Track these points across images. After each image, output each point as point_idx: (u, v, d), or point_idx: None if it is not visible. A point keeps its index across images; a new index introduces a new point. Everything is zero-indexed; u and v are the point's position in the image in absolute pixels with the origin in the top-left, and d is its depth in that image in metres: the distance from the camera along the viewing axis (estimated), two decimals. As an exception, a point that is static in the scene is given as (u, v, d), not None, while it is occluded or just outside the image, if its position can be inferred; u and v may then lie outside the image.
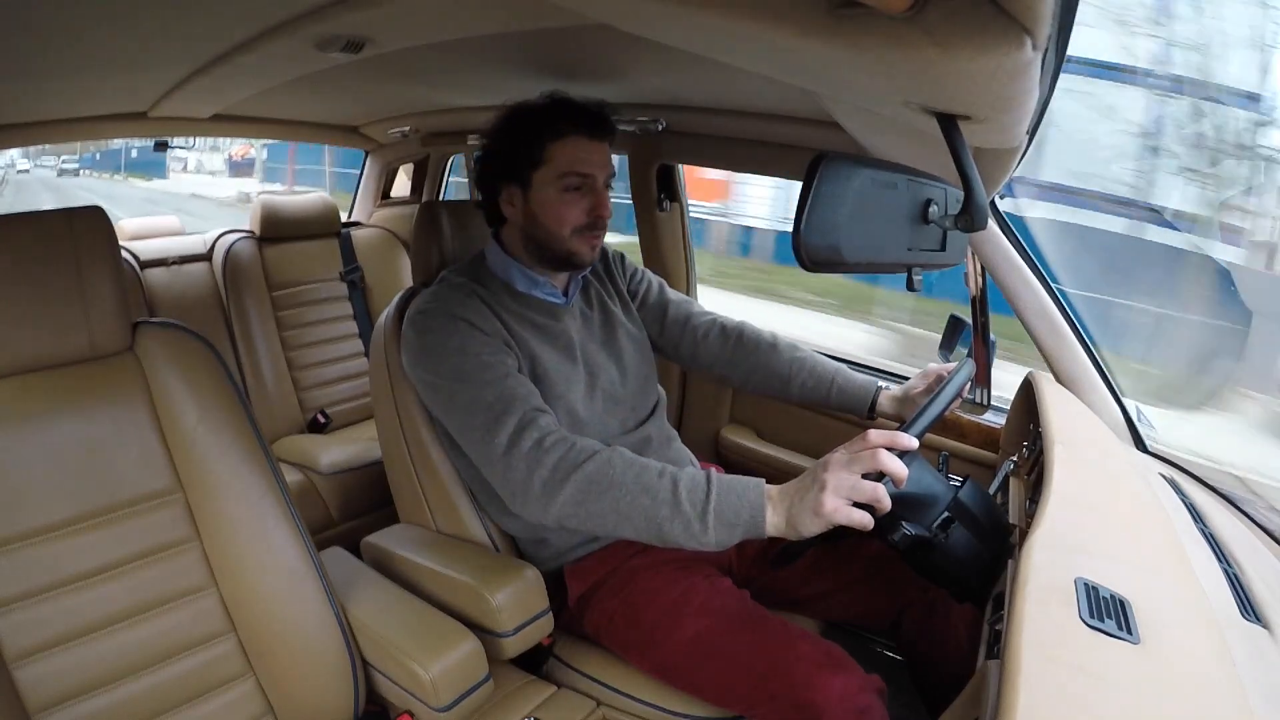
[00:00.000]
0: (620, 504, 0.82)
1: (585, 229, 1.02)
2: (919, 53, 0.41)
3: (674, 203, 1.70)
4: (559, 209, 1.01)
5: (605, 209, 1.02)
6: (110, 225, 0.84)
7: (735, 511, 0.79)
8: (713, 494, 0.80)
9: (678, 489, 0.81)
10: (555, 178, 1.00)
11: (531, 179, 1.01)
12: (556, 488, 0.85)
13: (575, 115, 1.00)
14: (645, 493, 0.81)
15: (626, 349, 1.15)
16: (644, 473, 0.83)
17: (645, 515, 0.81)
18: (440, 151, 2.39)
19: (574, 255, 1.03)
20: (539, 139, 1.00)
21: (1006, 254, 1.19)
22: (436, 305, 0.99)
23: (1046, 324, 1.18)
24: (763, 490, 0.80)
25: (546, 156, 1.00)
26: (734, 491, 0.80)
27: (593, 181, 1.01)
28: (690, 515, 0.79)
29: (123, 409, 0.84)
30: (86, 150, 19.15)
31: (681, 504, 0.80)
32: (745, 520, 0.79)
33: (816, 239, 0.56)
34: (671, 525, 0.80)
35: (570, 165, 0.99)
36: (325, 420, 1.96)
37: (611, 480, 0.83)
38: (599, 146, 1.02)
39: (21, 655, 0.74)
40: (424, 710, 0.87)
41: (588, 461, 0.84)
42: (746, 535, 0.79)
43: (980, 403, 1.39)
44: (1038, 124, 0.70)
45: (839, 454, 0.76)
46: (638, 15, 0.60)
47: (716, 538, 0.79)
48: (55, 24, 0.89)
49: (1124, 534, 0.76)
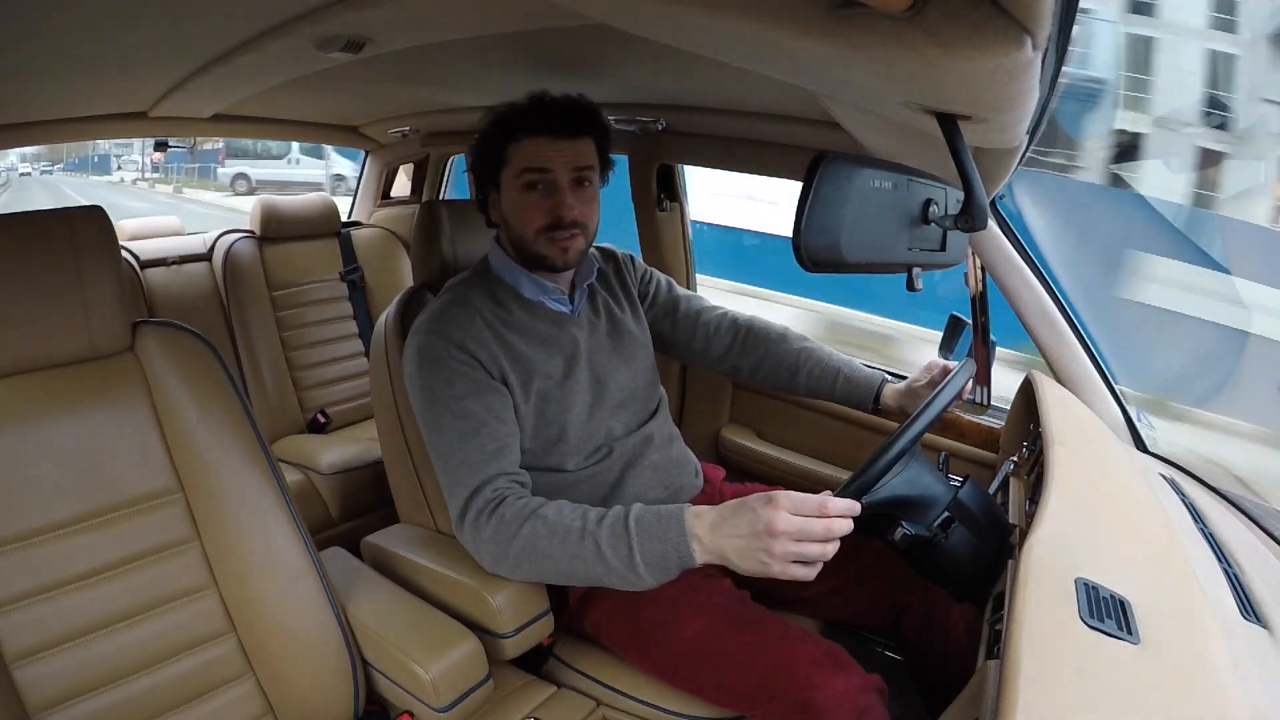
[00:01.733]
0: (560, 568, 0.88)
1: (548, 229, 1.00)
2: (919, 53, 0.41)
3: (674, 203, 1.70)
4: (521, 209, 1.00)
5: (565, 209, 0.99)
6: (110, 225, 0.84)
7: (662, 555, 0.82)
8: (634, 546, 0.83)
9: (601, 550, 0.84)
10: (514, 177, 1.00)
11: (500, 179, 1.02)
12: (502, 560, 0.91)
13: (533, 113, 0.99)
14: (576, 559, 0.86)
15: (632, 353, 1.15)
16: (568, 539, 0.86)
17: (584, 575, 0.87)
18: (440, 151, 2.39)
19: (543, 258, 1.02)
20: (503, 139, 1.00)
21: (1006, 254, 1.19)
22: (438, 326, 0.99)
23: (1046, 324, 1.18)
24: (684, 529, 0.81)
25: (508, 155, 1.00)
26: (655, 537, 0.82)
27: (552, 178, 0.99)
28: (621, 570, 0.83)
29: (123, 409, 0.84)
30: (68, 154, 20.23)
31: (609, 562, 0.84)
32: (674, 562, 0.82)
33: (816, 239, 0.56)
34: (610, 579, 0.85)
35: (525, 162, 0.98)
36: (325, 420, 1.96)
37: (542, 553, 0.87)
38: (562, 144, 0.99)
39: (21, 655, 0.74)
40: (424, 710, 0.87)
41: (516, 537, 0.88)
42: (684, 569, 0.83)
43: (980, 403, 1.39)
44: (1038, 124, 0.70)
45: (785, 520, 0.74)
46: (638, 15, 0.60)
47: (655, 580, 0.84)
48: (55, 24, 0.89)
49: (1124, 534, 0.76)
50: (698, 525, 0.82)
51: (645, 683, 0.99)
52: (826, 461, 1.53)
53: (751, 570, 0.78)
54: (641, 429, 1.12)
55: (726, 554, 0.79)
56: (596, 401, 1.08)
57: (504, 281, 1.07)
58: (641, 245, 1.74)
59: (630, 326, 1.16)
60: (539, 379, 1.02)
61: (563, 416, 1.03)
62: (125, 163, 18.65)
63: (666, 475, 1.11)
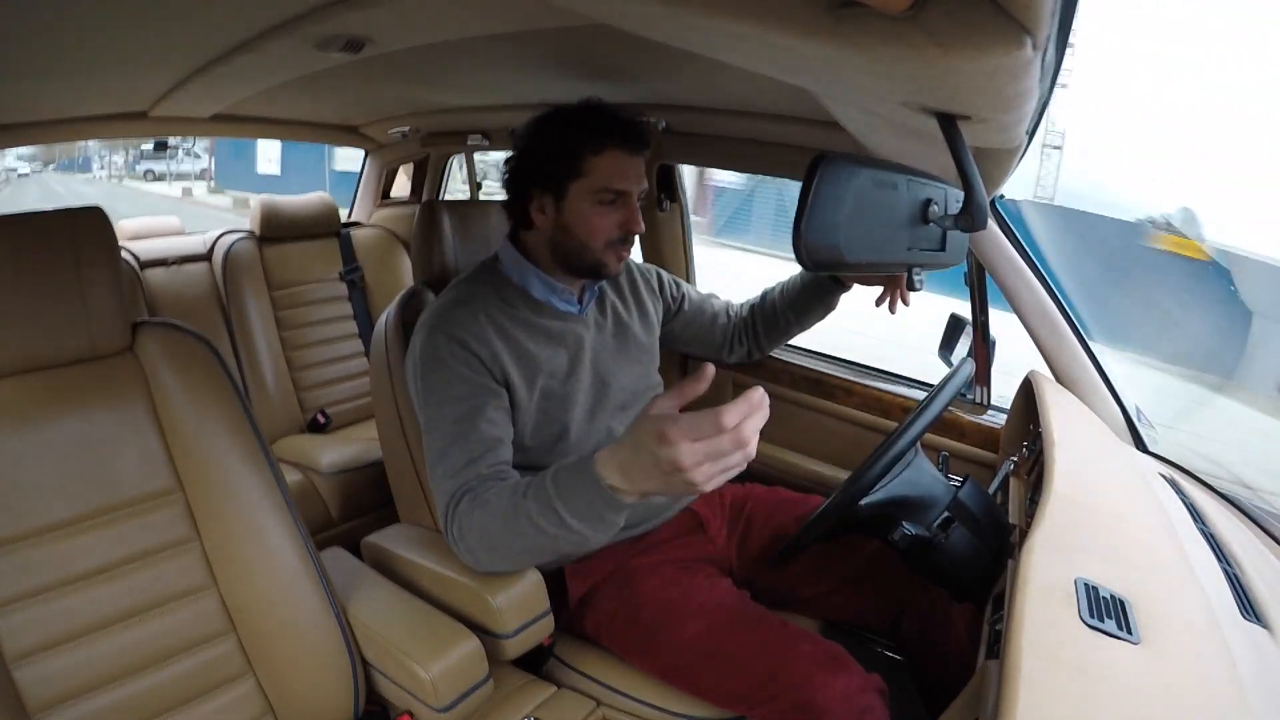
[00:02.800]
0: (514, 550, 0.87)
1: (617, 242, 1.02)
2: (919, 53, 0.41)
3: (674, 203, 1.70)
4: (593, 221, 1.00)
5: (637, 224, 1.02)
6: (110, 225, 0.84)
7: (588, 506, 0.76)
8: (559, 507, 0.78)
9: (533, 519, 0.81)
10: (592, 191, 0.99)
11: (568, 189, 1.00)
12: (472, 552, 0.90)
13: (615, 128, 0.99)
14: (520, 535, 0.84)
15: (636, 358, 1.15)
16: (506, 519, 0.84)
17: (537, 551, 0.86)
18: (440, 151, 2.39)
19: (603, 267, 1.04)
20: (579, 150, 0.98)
21: (1006, 254, 1.19)
22: (441, 323, 0.99)
23: (1046, 324, 1.19)
24: (597, 477, 0.74)
25: (586, 169, 0.99)
26: (573, 493, 0.77)
27: (628, 196, 1.01)
28: (558, 532, 0.80)
29: (123, 409, 0.84)
30: (59, 155, 22.23)
31: (544, 529, 0.80)
32: (603, 509, 0.76)
33: (816, 239, 0.56)
34: (561, 545, 0.82)
35: (608, 180, 0.99)
36: (325, 420, 1.96)
37: (494, 536, 0.87)
38: (636, 161, 1.01)
39: (21, 655, 0.74)
40: (424, 710, 0.87)
41: (472, 528, 0.88)
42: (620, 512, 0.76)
43: (980, 403, 1.39)
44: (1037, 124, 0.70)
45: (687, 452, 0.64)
46: (638, 15, 0.60)
47: (597, 532, 0.79)
48: (55, 24, 0.89)
49: (1124, 534, 0.76)
50: (607, 471, 0.74)
51: (645, 683, 0.99)
52: (826, 461, 1.53)
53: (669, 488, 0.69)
54: None
55: (651, 491, 0.72)
56: (599, 402, 1.08)
57: (512, 281, 1.07)
58: (642, 245, 1.74)
59: (637, 332, 1.17)
60: (543, 376, 1.02)
61: (565, 415, 1.03)
62: (108, 163, 22.27)
63: None
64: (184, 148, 16.44)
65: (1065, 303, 1.19)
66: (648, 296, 1.22)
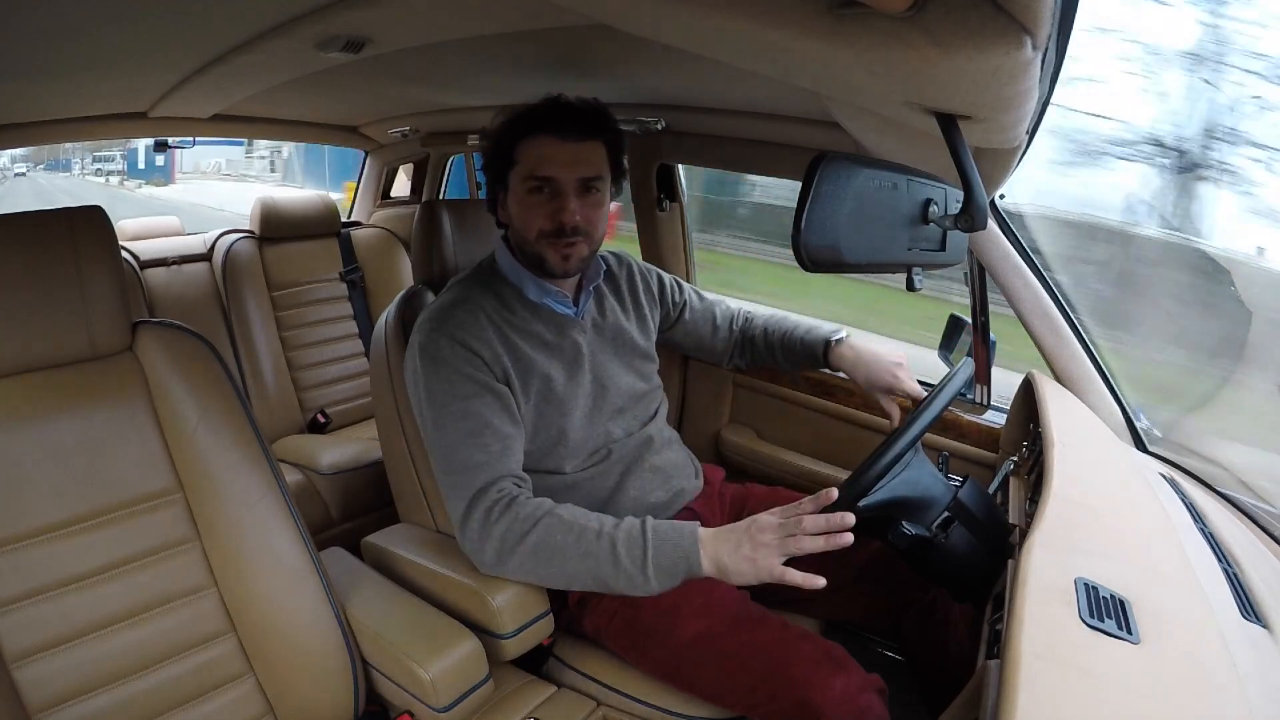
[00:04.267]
0: (567, 568, 0.90)
1: (551, 234, 0.99)
2: (919, 53, 0.41)
3: (674, 203, 1.70)
4: (524, 212, 1.00)
5: (568, 215, 0.97)
6: (110, 225, 0.84)
7: (672, 562, 0.87)
8: (649, 550, 0.87)
9: (616, 549, 0.88)
10: (522, 178, 0.99)
11: (509, 179, 1.01)
12: (507, 557, 0.91)
13: (546, 115, 0.97)
14: (588, 557, 0.89)
15: (634, 360, 1.15)
16: (583, 537, 0.89)
17: (591, 576, 0.89)
18: (440, 151, 2.39)
19: (543, 262, 1.01)
20: (510, 137, 0.99)
21: (1006, 254, 1.19)
22: (441, 324, 0.98)
23: (1046, 324, 1.18)
24: (697, 540, 0.88)
25: (517, 155, 0.99)
26: (669, 542, 0.88)
27: (558, 185, 0.98)
28: (632, 571, 0.87)
29: (123, 409, 0.84)
30: (47, 156, 24.01)
31: (621, 563, 0.88)
32: (682, 570, 0.87)
33: (816, 239, 0.56)
34: (616, 581, 0.88)
35: (535, 166, 0.98)
36: (325, 420, 1.96)
37: (555, 548, 0.89)
38: (570, 147, 0.98)
39: (21, 655, 0.74)
40: (424, 710, 0.87)
41: (531, 533, 0.90)
42: (688, 576, 0.88)
43: (980, 403, 1.39)
44: (1037, 124, 0.70)
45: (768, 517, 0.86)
46: (638, 15, 0.60)
47: (659, 586, 0.88)
48: (56, 24, 0.89)
49: (1124, 534, 0.76)
50: (705, 537, 0.88)
51: (645, 683, 0.99)
52: (826, 461, 1.53)
53: (743, 572, 0.84)
54: (641, 431, 1.12)
55: (722, 559, 0.86)
56: (597, 405, 1.08)
57: (509, 282, 1.07)
58: (642, 245, 1.74)
59: (634, 335, 1.16)
60: (540, 381, 1.02)
61: (563, 419, 1.03)
62: (86, 164, 25.01)
63: (667, 477, 1.11)
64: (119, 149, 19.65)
65: (1065, 303, 1.19)
66: (646, 301, 1.22)
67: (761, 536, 0.84)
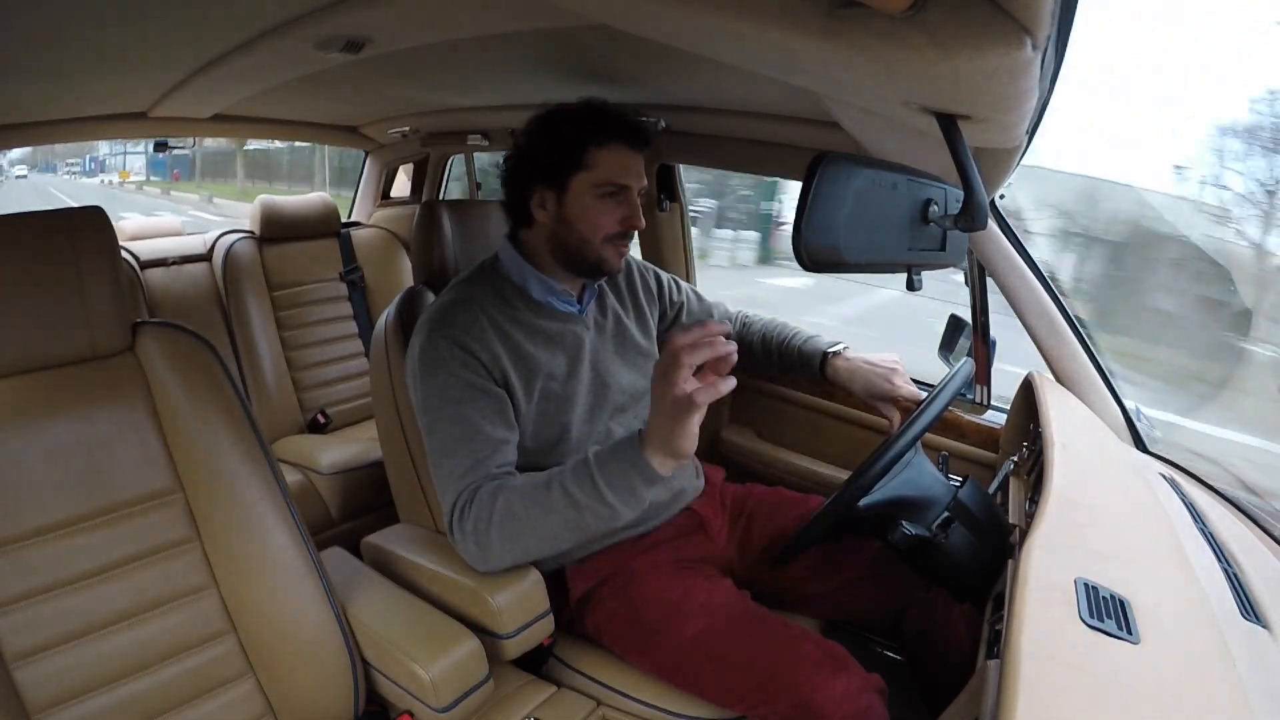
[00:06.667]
0: (540, 531, 0.89)
1: (617, 237, 1.02)
2: (919, 53, 0.41)
3: (674, 203, 1.70)
4: (594, 215, 1.00)
5: (638, 219, 1.02)
6: (110, 225, 0.84)
7: (623, 476, 0.84)
8: (596, 476, 0.86)
9: (569, 491, 0.87)
10: (594, 184, 1.00)
11: (569, 183, 1.00)
12: (485, 545, 0.91)
13: (619, 124, 1.00)
14: (551, 511, 0.87)
15: (636, 358, 1.15)
16: (537, 495, 0.89)
17: (563, 527, 0.88)
18: (440, 151, 2.39)
19: (603, 262, 1.03)
20: (582, 143, 0.99)
21: (1006, 254, 1.19)
22: (440, 325, 0.98)
23: (1046, 324, 1.18)
24: (637, 445, 0.84)
25: (588, 162, 0.99)
26: (614, 461, 0.85)
27: (628, 191, 1.01)
28: (592, 504, 0.86)
29: (123, 409, 0.84)
30: (42, 159, 25.66)
31: (579, 501, 0.86)
32: (637, 479, 0.84)
33: (816, 239, 0.56)
34: (587, 522, 0.87)
35: (610, 173, 0.99)
36: (325, 420, 1.96)
37: (518, 518, 0.89)
38: (637, 157, 1.02)
39: (21, 655, 0.74)
40: (424, 710, 0.87)
41: (494, 513, 0.90)
42: (650, 486, 0.85)
43: (980, 403, 1.39)
44: (1037, 124, 0.70)
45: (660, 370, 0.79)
46: (638, 15, 0.60)
47: (625, 506, 0.86)
48: (55, 24, 0.89)
49: (1124, 534, 0.76)
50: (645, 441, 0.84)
51: (645, 683, 0.99)
52: (826, 461, 1.53)
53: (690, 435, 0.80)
54: None
55: (666, 442, 0.81)
56: (598, 403, 1.08)
57: (512, 281, 1.07)
58: (641, 245, 1.74)
59: (636, 335, 1.17)
60: (542, 378, 1.02)
61: (564, 417, 1.03)
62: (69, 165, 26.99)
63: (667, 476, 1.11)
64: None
65: (1065, 302, 1.19)
66: (645, 300, 1.22)
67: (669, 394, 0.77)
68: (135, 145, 17.76)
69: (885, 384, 1.17)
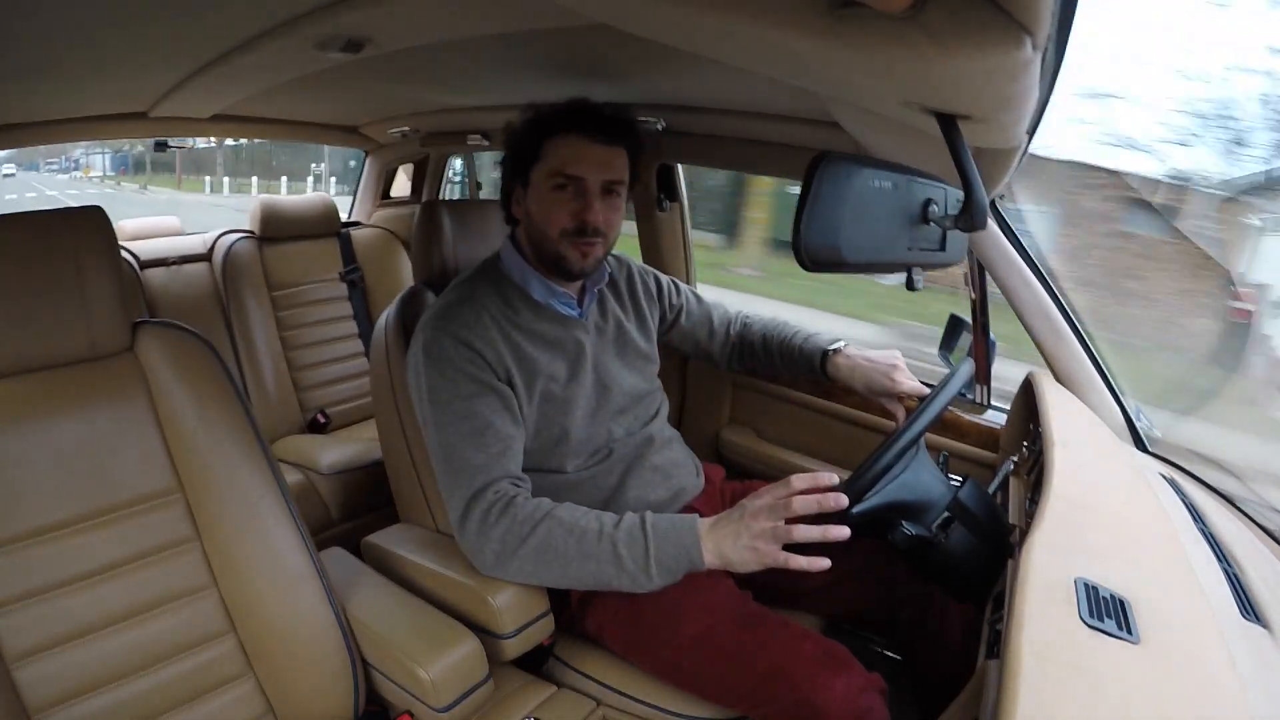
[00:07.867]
0: (569, 571, 0.89)
1: (573, 234, 1.00)
2: (919, 53, 0.41)
3: (674, 203, 1.70)
4: (548, 208, 1.00)
5: (591, 214, 0.99)
6: (110, 225, 0.84)
7: (674, 559, 0.87)
8: (650, 548, 0.87)
9: (618, 551, 0.87)
10: (546, 175, 0.99)
11: (530, 175, 1.01)
12: (507, 560, 0.91)
13: (576, 115, 0.99)
14: (589, 559, 0.88)
15: (636, 361, 1.15)
16: (584, 539, 0.89)
17: (593, 577, 0.89)
18: (440, 151, 2.39)
19: (561, 259, 1.02)
20: (536, 135, 1.00)
21: (1006, 254, 1.19)
22: (445, 323, 0.98)
23: (1046, 324, 1.18)
24: (696, 533, 0.87)
25: (542, 153, 1.00)
26: (669, 540, 0.87)
27: (583, 185, 0.99)
28: (634, 570, 0.87)
29: (123, 409, 0.84)
30: (28, 159, 27.07)
31: (624, 564, 0.87)
32: (685, 566, 0.87)
33: (816, 239, 0.56)
34: (618, 581, 0.88)
35: (561, 163, 0.98)
36: (325, 420, 1.96)
37: (556, 551, 0.89)
38: (600, 149, 0.99)
39: (21, 655, 0.74)
40: (424, 710, 0.87)
41: (531, 536, 0.89)
42: (692, 571, 0.88)
43: (980, 403, 1.39)
44: (1037, 124, 0.70)
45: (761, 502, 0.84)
46: (638, 15, 0.60)
47: (662, 583, 0.88)
48: (55, 24, 0.89)
49: (1124, 534, 0.76)
50: (703, 528, 0.87)
51: (646, 683, 0.99)
52: (826, 461, 1.53)
53: (746, 561, 0.83)
54: (643, 430, 1.12)
55: (724, 550, 0.85)
56: (599, 405, 1.08)
57: (513, 281, 1.07)
58: (641, 245, 1.74)
59: (636, 337, 1.17)
60: (543, 380, 1.02)
61: (565, 419, 1.03)
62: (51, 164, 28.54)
63: (667, 476, 1.11)
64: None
65: (1065, 302, 1.19)
66: (646, 303, 1.22)
67: (756, 524, 0.83)
68: (97, 147, 21.17)
69: (886, 380, 1.17)
